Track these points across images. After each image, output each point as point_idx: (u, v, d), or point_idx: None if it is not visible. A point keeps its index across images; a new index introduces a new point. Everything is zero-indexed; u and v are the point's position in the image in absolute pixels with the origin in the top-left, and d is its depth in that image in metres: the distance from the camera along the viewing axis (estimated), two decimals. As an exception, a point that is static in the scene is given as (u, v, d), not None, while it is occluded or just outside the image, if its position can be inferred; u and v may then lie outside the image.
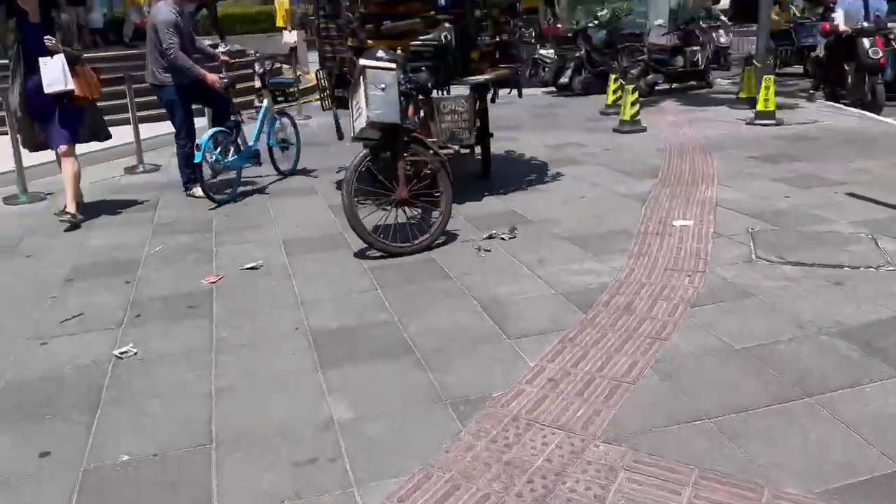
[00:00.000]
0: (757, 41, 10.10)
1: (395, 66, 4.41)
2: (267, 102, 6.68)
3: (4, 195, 6.40)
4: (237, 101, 6.47)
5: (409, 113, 4.69)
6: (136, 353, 3.32)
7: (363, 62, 4.38)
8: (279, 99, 6.87)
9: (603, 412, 2.64)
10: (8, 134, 6.31)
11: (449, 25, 5.17)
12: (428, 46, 5.13)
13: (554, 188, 6.07)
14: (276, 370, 3.11)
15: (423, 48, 5.13)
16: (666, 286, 3.78)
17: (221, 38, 14.03)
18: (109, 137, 6.04)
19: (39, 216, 5.83)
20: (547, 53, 12.54)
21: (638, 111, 8.57)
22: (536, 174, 6.56)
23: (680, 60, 11.91)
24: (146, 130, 7.89)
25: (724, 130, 8.30)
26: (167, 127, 7.29)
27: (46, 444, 2.62)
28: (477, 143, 5.96)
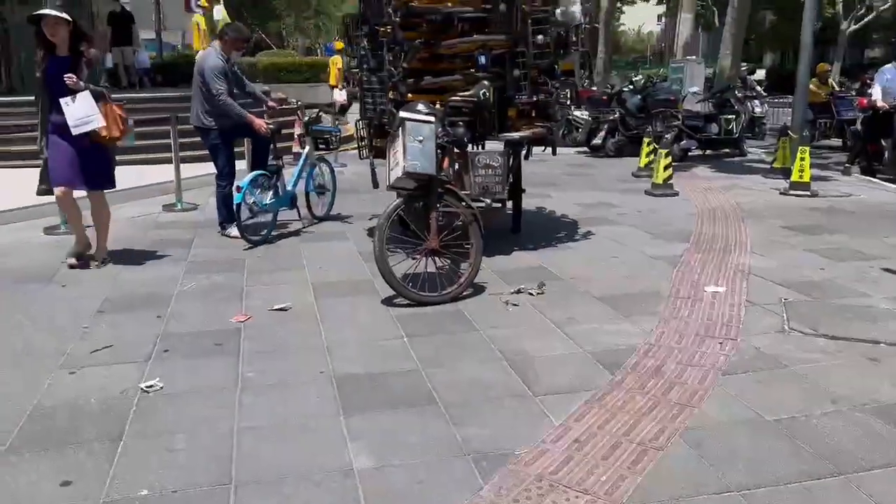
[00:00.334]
0: (793, 112, 10.14)
1: (433, 119, 4.51)
2: (308, 149, 6.83)
3: (45, 225, 6.57)
4: (279, 146, 6.62)
5: (444, 165, 4.77)
6: (161, 387, 3.34)
7: (403, 114, 4.48)
8: (320, 146, 7.00)
9: (629, 478, 2.58)
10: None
11: (488, 83, 5.28)
12: (466, 102, 5.23)
13: (584, 246, 6.07)
14: (299, 413, 3.10)
15: (461, 103, 5.24)
16: (697, 352, 3.73)
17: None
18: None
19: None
20: (581, 114, 12.71)
21: (671, 175, 8.59)
22: (567, 232, 6.57)
23: (714, 128, 11.97)
24: (186, 170, 8.10)
25: (757, 199, 8.26)
26: (206, 168, 7.49)
27: (68, 473, 2.62)
28: (509, 198, 6.01)
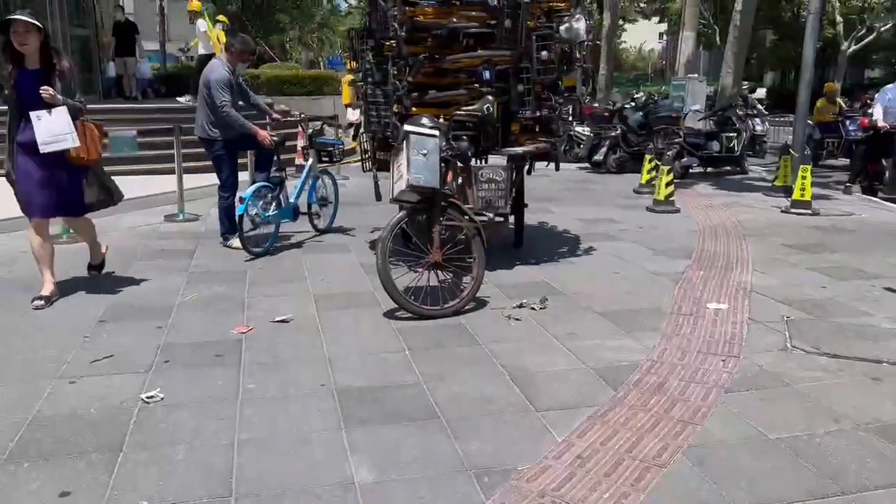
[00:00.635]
0: (794, 130, 10.18)
1: (438, 133, 4.53)
2: (312, 161, 6.85)
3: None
4: (282, 158, 6.63)
5: (447, 179, 4.78)
6: (162, 398, 3.32)
7: (407, 128, 4.49)
8: (324, 159, 7.02)
9: (632, 495, 2.56)
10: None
11: (492, 98, 5.31)
12: (471, 117, 5.25)
13: (586, 262, 6.07)
14: (300, 426, 3.08)
15: (465, 118, 5.26)
16: (699, 369, 3.72)
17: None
18: (122, 197, 5.25)
19: (79, 256, 5.96)
20: (582, 130, 12.76)
21: (672, 192, 8.61)
22: (569, 247, 6.57)
23: (715, 145, 12.02)
24: (189, 181, 8.11)
25: (758, 216, 8.27)
26: (208, 178, 7.51)
27: (67, 484, 2.61)
28: (512, 212, 6.02)
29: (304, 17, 37.36)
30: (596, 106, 14.84)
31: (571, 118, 6.61)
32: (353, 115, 14.39)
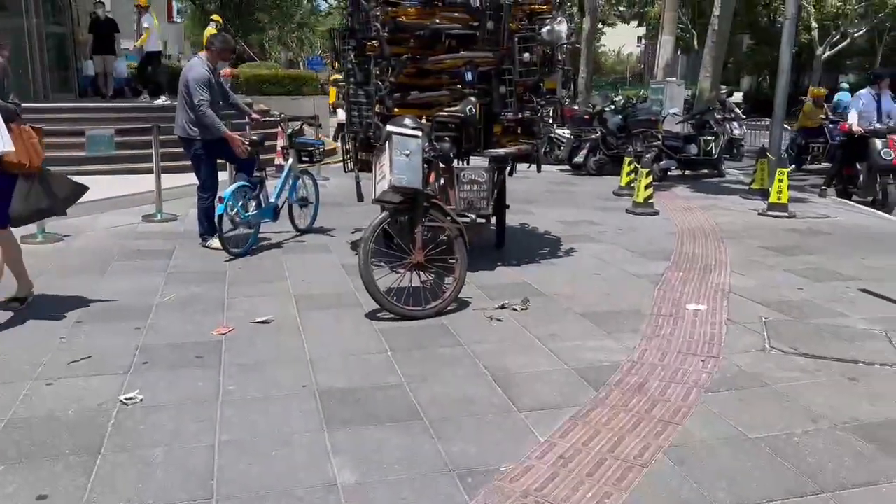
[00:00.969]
0: (770, 134, 10.30)
1: (420, 133, 4.52)
2: (291, 161, 6.81)
3: (21, 234, 6.45)
4: (261, 157, 6.59)
5: (430, 179, 4.78)
6: (141, 399, 3.28)
7: (390, 128, 4.49)
8: (304, 159, 6.98)
9: (614, 495, 2.58)
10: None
11: (474, 99, 5.32)
12: (453, 118, 5.26)
13: (567, 263, 6.09)
14: (281, 427, 3.06)
15: (448, 119, 5.26)
16: (679, 370, 3.75)
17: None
18: (85, 189, 4.67)
19: (54, 257, 5.88)
20: (563, 133, 12.83)
21: (651, 194, 8.68)
22: (550, 248, 6.60)
23: (693, 148, 12.14)
24: (167, 180, 8.02)
25: (736, 219, 8.37)
26: (186, 178, 7.43)
27: (45, 486, 2.56)
28: (493, 213, 6.03)
29: (283, 16, 37.21)
30: (576, 108, 14.95)
31: (552, 120, 6.64)
32: (343, 114, 14.32)
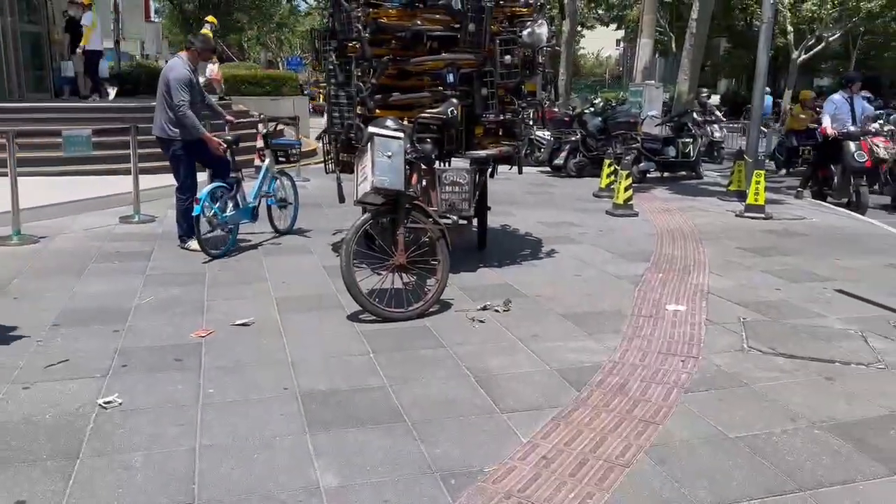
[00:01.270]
0: (747, 136, 10.41)
1: (402, 135, 4.52)
2: (268, 162, 6.77)
3: (-4, 235, 6.37)
4: (239, 158, 6.54)
5: (412, 181, 4.78)
6: (120, 403, 3.24)
7: (372, 130, 4.48)
8: (280, 159, 6.94)
9: (596, 495, 2.59)
10: (8, 175, 6.35)
11: (456, 101, 5.32)
12: (435, 119, 5.25)
13: (548, 264, 6.12)
14: (262, 430, 3.04)
15: (429, 120, 5.26)
16: (660, 370, 3.78)
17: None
18: None
19: (30, 259, 5.79)
20: (543, 135, 12.89)
21: (631, 196, 8.75)
22: (531, 249, 6.62)
23: (672, 151, 12.25)
24: (145, 181, 7.93)
25: (714, 220, 8.46)
26: (165, 179, 7.36)
27: (22, 492, 2.52)
28: (475, 215, 6.04)
29: (262, 16, 36.94)
30: (556, 111, 15.00)
31: (533, 122, 6.66)
32: None
